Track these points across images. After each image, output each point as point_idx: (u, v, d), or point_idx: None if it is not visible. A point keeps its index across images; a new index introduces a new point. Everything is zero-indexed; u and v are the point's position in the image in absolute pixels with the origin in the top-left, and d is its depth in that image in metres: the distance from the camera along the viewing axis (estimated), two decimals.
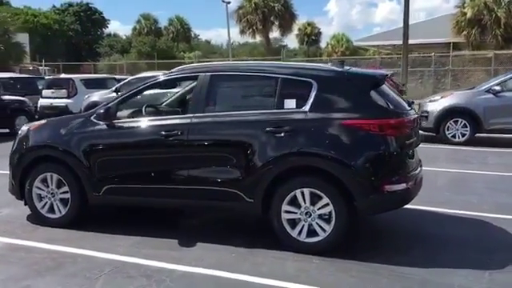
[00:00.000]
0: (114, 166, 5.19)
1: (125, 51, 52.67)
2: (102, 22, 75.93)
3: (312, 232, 4.57)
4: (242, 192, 4.70)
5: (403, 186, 4.54)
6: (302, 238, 4.59)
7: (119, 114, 5.28)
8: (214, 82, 4.99)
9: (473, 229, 5.45)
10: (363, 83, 4.69)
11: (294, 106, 4.68)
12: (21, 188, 5.48)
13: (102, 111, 5.10)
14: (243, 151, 4.69)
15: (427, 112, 11.54)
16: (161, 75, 5.47)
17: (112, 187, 5.15)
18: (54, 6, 72.35)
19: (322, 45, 57.21)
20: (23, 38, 46.80)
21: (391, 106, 4.69)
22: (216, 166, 4.83)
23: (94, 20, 74.04)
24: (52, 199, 5.39)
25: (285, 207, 4.60)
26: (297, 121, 4.63)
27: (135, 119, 5.22)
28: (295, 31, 47.01)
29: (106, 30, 77.65)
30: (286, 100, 4.74)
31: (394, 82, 12.73)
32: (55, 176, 5.33)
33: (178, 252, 4.66)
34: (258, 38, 37.85)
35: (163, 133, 4.92)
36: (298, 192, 4.56)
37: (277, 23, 35.00)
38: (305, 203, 4.56)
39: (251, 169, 4.65)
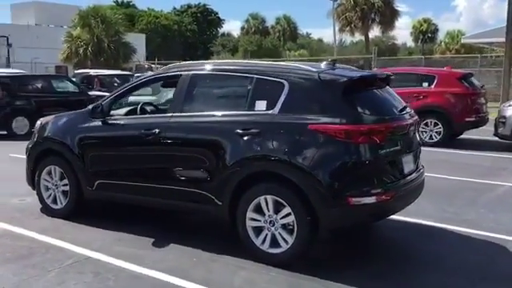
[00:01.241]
0: (104, 161, 5.34)
1: (236, 50, 54.39)
2: (218, 22, 79.02)
3: (275, 242, 4.31)
4: (213, 194, 4.57)
5: (373, 198, 4.08)
6: (265, 247, 4.35)
7: (113, 111, 5.41)
8: (193, 82, 4.92)
9: (471, 251, 4.83)
10: (335, 86, 4.27)
11: (265, 108, 4.44)
12: (33, 178, 5.86)
13: (91, 108, 5.27)
14: (213, 152, 4.55)
15: (505, 118, 10.33)
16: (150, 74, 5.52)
17: (103, 182, 5.30)
18: (174, 8, 76.85)
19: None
20: (140, 39, 50.38)
21: (367, 112, 4.25)
22: (189, 166, 4.75)
23: (210, 20, 77.37)
24: (56, 191, 5.69)
25: (250, 214, 4.39)
26: (265, 123, 4.38)
27: (124, 117, 5.32)
28: (409, 29, 44.86)
29: (221, 30, 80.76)
30: (257, 101, 4.51)
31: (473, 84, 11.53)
32: (58, 169, 5.62)
33: (144, 251, 4.66)
34: (358, 36, 36.86)
35: (143, 131, 4.95)
36: (262, 199, 4.32)
37: (377, 20, 33.78)
38: (268, 211, 4.31)
39: (220, 171, 4.50)
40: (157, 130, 4.87)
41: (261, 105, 4.47)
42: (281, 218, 4.25)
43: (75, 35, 29.19)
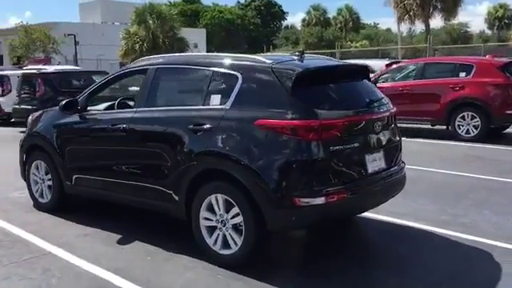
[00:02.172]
0: (78, 156, 5.35)
1: (299, 42, 53.94)
2: (281, 15, 78.74)
3: (226, 243, 4.11)
4: (171, 192, 4.43)
5: (322, 199, 3.77)
6: (217, 248, 4.16)
7: (93, 106, 5.41)
8: (157, 76, 4.80)
9: (448, 258, 4.36)
10: (286, 78, 3.96)
11: (219, 103, 4.23)
12: (25, 172, 6.00)
13: (63, 103, 5.28)
14: (170, 149, 4.41)
15: None
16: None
17: (79, 177, 5.32)
18: (238, 2, 77.47)
19: None
20: (200, 34, 51.18)
21: (322, 106, 3.91)
22: (150, 162, 4.63)
23: (273, 13, 77.29)
24: (42, 185, 5.79)
25: (203, 213, 4.21)
26: (216, 119, 4.17)
27: (97, 112, 5.29)
28: (484, 15, 42.25)
29: (285, 22, 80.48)
30: (212, 95, 4.31)
31: None
32: (43, 163, 5.72)
33: (105, 248, 4.61)
34: (419, 25, 35.09)
35: (110, 126, 4.90)
36: (213, 197, 4.14)
37: (439, 7, 31.93)
38: (219, 210, 4.12)
39: (175, 168, 4.36)
40: (122, 126, 4.80)
41: (216, 99, 4.27)
42: (231, 218, 4.05)
43: (132, 32, 30.06)
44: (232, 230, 4.05)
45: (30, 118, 6.14)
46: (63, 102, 5.29)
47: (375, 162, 4.23)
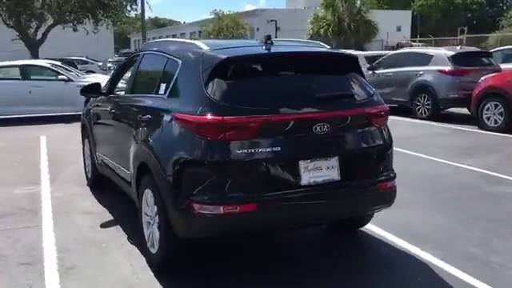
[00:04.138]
0: (96, 137, 5.63)
1: None
2: None
3: (153, 241, 3.86)
4: (130, 181, 4.35)
5: (220, 209, 3.23)
6: (149, 245, 3.94)
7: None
8: (140, 62, 4.74)
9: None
10: (208, 67, 3.46)
11: (163, 92, 3.95)
12: None
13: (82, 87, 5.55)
14: (129, 137, 4.29)
15: None
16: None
17: (99, 156, 5.59)
18: None
19: None
20: (405, 16, 48.47)
21: (240, 101, 3.33)
22: (122, 149, 4.58)
23: None
24: (88, 162, 6.24)
25: (143, 207, 4.03)
26: (154, 110, 3.94)
27: (111, 96, 5.41)
28: None
29: None
30: (161, 84, 4.05)
31: None
32: (86, 141, 6.18)
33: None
34: None
35: (109, 110, 5.02)
36: (146, 192, 3.92)
37: None
38: (149, 207, 3.89)
39: (130, 159, 4.25)
40: (112, 110, 4.90)
41: (162, 88, 4.00)
42: (155, 216, 3.78)
43: (320, 16, 30.07)
44: (156, 228, 3.79)
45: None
46: (83, 86, 5.59)
47: (319, 172, 3.44)
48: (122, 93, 5.11)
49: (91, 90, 5.49)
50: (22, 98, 12.31)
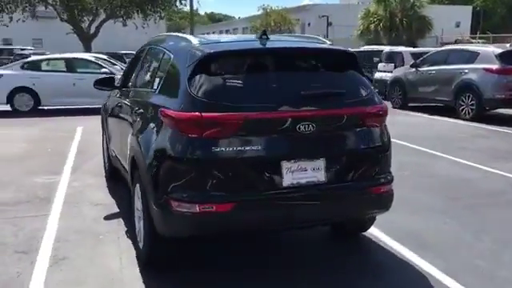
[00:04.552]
0: (109, 130, 5.69)
1: None
2: None
3: (141, 236, 3.85)
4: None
5: (195, 207, 3.15)
6: (138, 240, 3.94)
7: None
8: (144, 56, 4.74)
9: None
10: (192, 61, 3.38)
11: (156, 86, 3.91)
12: None
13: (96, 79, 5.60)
14: (127, 132, 4.29)
15: None
16: None
17: (111, 149, 5.66)
18: None
19: None
20: (464, 11, 46.41)
21: (220, 97, 3.23)
22: (124, 142, 4.59)
23: None
24: (105, 154, 6.35)
25: (135, 202, 4.02)
26: (146, 104, 3.93)
27: (121, 90, 5.43)
28: None
29: None
30: (156, 78, 4.03)
31: None
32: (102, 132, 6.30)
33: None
34: None
35: (117, 103, 5.06)
36: (136, 187, 3.91)
37: None
38: (138, 201, 3.88)
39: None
40: (119, 104, 4.93)
41: (156, 82, 3.98)
42: (142, 211, 3.76)
43: (372, 11, 29.33)
44: (142, 224, 3.78)
45: None
46: (97, 79, 5.65)
47: (303, 173, 3.30)
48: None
49: (104, 82, 5.55)
50: (66, 90, 12.77)
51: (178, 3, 23.93)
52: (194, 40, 3.71)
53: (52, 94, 12.81)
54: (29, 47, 28.69)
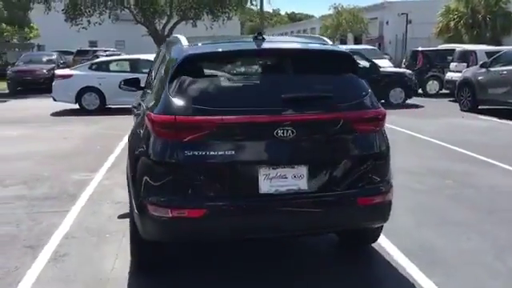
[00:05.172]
0: None
1: None
2: None
3: None
4: None
5: (168, 212, 3.09)
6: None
7: None
8: (156, 57, 4.77)
9: None
10: (175, 63, 3.35)
11: (156, 88, 3.88)
12: None
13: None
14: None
15: None
16: None
17: None
18: None
19: None
20: None
21: (205, 101, 3.14)
22: None
23: None
24: None
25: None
26: (142, 105, 3.93)
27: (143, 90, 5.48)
28: None
29: None
30: (155, 79, 4.04)
31: None
32: None
33: None
34: None
35: (138, 102, 5.13)
36: None
37: None
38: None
39: None
40: (138, 104, 5.00)
41: (153, 83, 3.99)
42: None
43: (452, 8, 27.76)
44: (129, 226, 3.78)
45: None
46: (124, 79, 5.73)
47: (283, 181, 3.13)
48: None
49: (130, 83, 5.63)
50: None
51: (248, 3, 24.14)
52: (184, 42, 3.64)
53: (116, 93, 13.27)
54: (111, 49, 30.20)
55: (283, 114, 3.11)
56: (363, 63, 14.45)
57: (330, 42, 3.84)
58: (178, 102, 3.17)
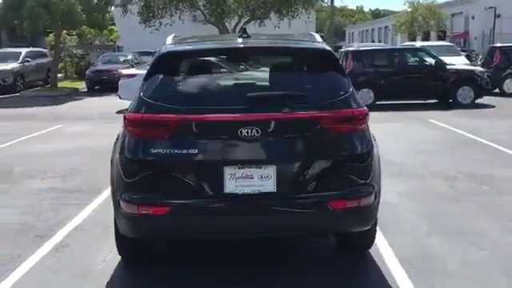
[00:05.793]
0: None
1: None
2: None
3: None
4: None
5: (135, 209, 3.12)
6: None
7: None
8: None
9: None
10: (153, 63, 3.41)
11: None
12: None
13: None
14: None
15: None
16: None
17: None
18: None
19: None
20: None
21: (173, 99, 3.18)
22: None
23: None
24: None
25: None
26: None
27: None
28: None
29: None
30: None
31: None
32: None
33: None
34: None
35: None
36: None
37: None
38: None
39: None
40: None
41: None
42: None
43: None
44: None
45: None
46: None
47: (249, 181, 3.06)
48: None
49: None
50: None
51: (318, 1, 23.73)
52: (168, 41, 3.68)
53: None
54: None
55: (247, 113, 3.04)
56: (429, 60, 13.82)
57: (320, 40, 3.68)
58: (148, 100, 3.20)
